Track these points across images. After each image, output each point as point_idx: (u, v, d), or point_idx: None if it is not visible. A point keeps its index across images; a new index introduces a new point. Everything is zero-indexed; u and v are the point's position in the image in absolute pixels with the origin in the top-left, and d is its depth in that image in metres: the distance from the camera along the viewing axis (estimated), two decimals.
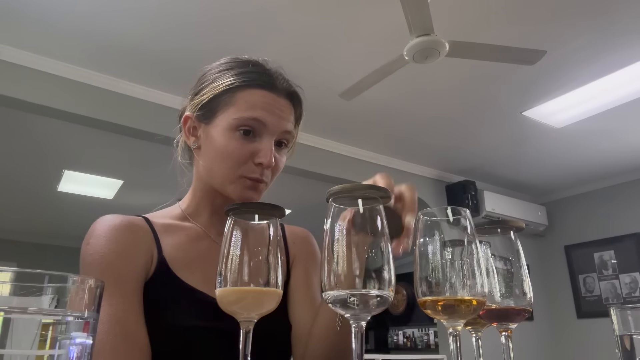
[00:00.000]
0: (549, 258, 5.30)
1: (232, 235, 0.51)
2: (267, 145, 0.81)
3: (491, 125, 3.81)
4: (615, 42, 2.80)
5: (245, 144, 0.80)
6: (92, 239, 0.78)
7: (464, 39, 2.37)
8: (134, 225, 0.82)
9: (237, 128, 0.80)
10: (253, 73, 0.84)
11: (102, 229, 0.79)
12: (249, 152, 0.80)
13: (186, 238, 0.85)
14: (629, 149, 4.27)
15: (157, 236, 0.83)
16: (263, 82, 0.83)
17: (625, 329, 0.54)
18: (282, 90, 0.85)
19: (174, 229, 0.86)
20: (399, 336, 7.04)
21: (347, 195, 0.49)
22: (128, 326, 0.71)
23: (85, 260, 0.76)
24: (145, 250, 0.80)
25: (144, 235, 0.82)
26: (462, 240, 0.50)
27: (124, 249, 0.77)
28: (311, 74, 3.05)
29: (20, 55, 2.78)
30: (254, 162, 0.80)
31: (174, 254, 0.82)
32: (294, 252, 0.93)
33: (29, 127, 3.49)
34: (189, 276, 0.80)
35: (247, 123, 0.80)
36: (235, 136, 0.80)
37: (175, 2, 2.43)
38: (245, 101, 0.81)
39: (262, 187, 0.84)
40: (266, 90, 0.82)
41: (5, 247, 6.09)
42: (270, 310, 0.51)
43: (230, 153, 0.80)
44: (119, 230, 0.79)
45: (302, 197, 4.53)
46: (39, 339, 0.33)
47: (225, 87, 0.82)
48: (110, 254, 0.76)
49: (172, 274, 0.79)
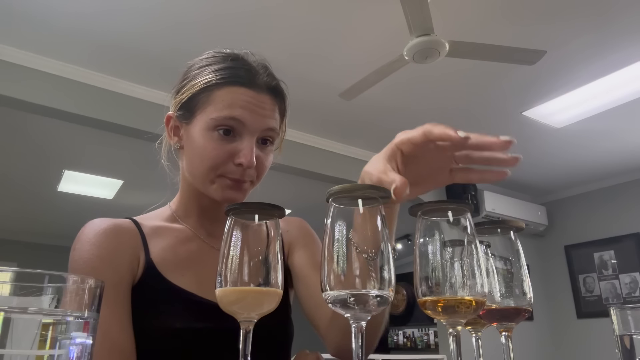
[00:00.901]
0: (549, 258, 5.30)
1: (232, 235, 0.51)
2: (247, 145, 0.78)
3: (491, 125, 3.81)
4: (615, 42, 2.80)
5: (224, 145, 0.77)
6: (78, 244, 0.77)
7: (464, 39, 2.37)
8: (121, 229, 0.81)
9: (215, 128, 0.77)
10: (231, 69, 0.80)
11: (88, 234, 0.78)
12: (228, 152, 0.77)
13: (175, 240, 0.84)
14: (629, 149, 4.27)
15: (145, 239, 0.82)
16: (241, 78, 0.79)
17: (625, 329, 0.54)
18: (262, 86, 0.81)
19: (163, 231, 0.85)
20: (399, 336, 7.04)
21: (347, 195, 0.49)
22: (110, 333, 0.70)
23: (71, 266, 0.76)
24: (131, 254, 0.79)
25: (130, 239, 0.80)
26: (462, 240, 0.50)
27: (107, 253, 0.76)
28: (311, 73, 3.05)
29: (20, 55, 2.78)
30: (234, 162, 0.78)
31: (162, 256, 0.81)
32: (289, 240, 0.92)
33: (29, 127, 3.49)
34: (179, 278, 0.79)
35: (224, 123, 0.77)
36: (213, 136, 0.77)
37: (175, 2, 2.43)
38: (222, 100, 0.78)
39: (245, 186, 0.81)
40: (245, 87, 0.79)
41: (5, 247, 6.09)
42: (271, 310, 0.51)
43: (209, 154, 0.77)
44: (103, 234, 0.78)
45: (302, 197, 4.52)
46: (39, 339, 0.33)
47: (203, 85, 0.79)
48: (94, 259, 0.75)
49: (160, 276, 0.78)
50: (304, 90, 3.20)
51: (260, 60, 0.85)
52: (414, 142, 0.58)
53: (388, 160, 0.59)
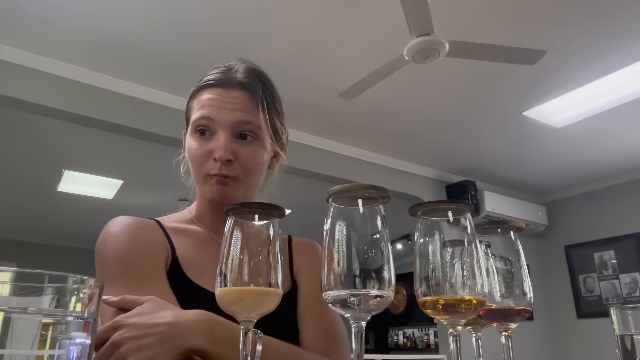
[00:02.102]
0: (549, 258, 5.30)
1: (232, 235, 0.51)
2: (218, 139, 0.82)
3: (491, 125, 3.81)
4: (615, 42, 2.80)
5: (202, 144, 0.83)
6: (110, 239, 0.78)
7: (464, 39, 2.37)
8: (149, 225, 0.84)
9: (195, 130, 0.84)
10: (209, 75, 0.87)
11: (119, 228, 0.80)
12: (207, 150, 0.82)
13: (195, 240, 0.87)
14: (629, 149, 4.27)
15: (170, 237, 0.84)
16: (214, 80, 0.85)
17: (625, 329, 0.54)
18: (233, 83, 0.84)
19: (183, 232, 0.87)
20: (399, 336, 7.04)
21: (347, 195, 0.49)
22: None
23: (106, 259, 0.76)
24: (162, 250, 0.81)
25: (159, 235, 0.83)
26: (462, 240, 0.50)
27: (144, 246, 0.79)
28: (311, 73, 3.05)
29: (20, 55, 2.78)
30: (213, 158, 0.82)
31: (184, 255, 0.83)
32: (299, 261, 0.93)
33: (29, 127, 3.49)
34: (199, 277, 0.81)
35: (199, 123, 0.83)
36: (194, 138, 0.84)
37: (175, 1, 2.43)
38: (197, 104, 0.85)
39: (229, 182, 0.82)
40: (215, 87, 0.84)
41: (5, 247, 6.09)
42: (270, 310, 0.51)
43: (193, 155, 0.84)
44: (136, 229, 0.80)
45: (302, 197, 4.52)
46: (39, 339, 0.33)
47: (189, 97, 0.88)
48: (132, 252, 0.77)
49: (183, 275, 0.80)
50: (304, 90, 3.20)
51: (248, 65, 0.89)
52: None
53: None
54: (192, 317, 0.63)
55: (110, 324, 0.61)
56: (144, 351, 0.58)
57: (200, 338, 0.62)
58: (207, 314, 0.64)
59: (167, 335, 0.60)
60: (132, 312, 0.63)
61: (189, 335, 0.61)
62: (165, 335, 0.60)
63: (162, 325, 0.61)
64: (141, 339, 0.59)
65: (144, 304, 0.65)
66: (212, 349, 0.62)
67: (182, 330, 0.61)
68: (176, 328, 0.61)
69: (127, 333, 0.59)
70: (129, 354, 0.57)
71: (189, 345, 0.61)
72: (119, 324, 0.61)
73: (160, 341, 0.59)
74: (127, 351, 0.58)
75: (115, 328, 0.60)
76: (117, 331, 0.60)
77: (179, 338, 0.60)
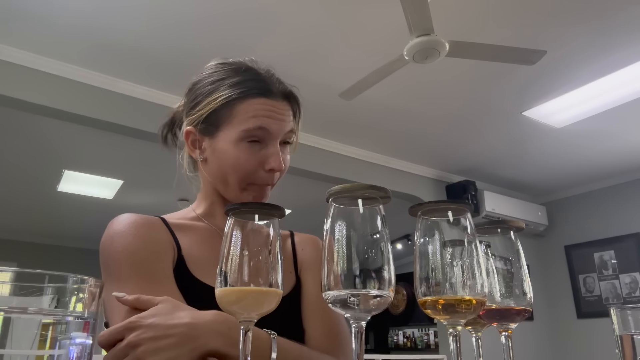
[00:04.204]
0: (549, 258, 5.30)
1: (232, 235, 0.51)
2: (274, 151, 0.84)
3: (491, 125, 3.81)
4: (615, 42, 2.80)
5: (254, 154, 0.83)
6: (117, 237, 0.78)
7: (464, 39, 2.37)
8: (154, 223, 0.84)
9: (244, 139, 0.83)
10: (248, 82, 0.85)
11: (124, 226, 0.79)
12: (258, 160, 0.84)
13: (200, 237, 0.87)
14: (629, 149, 4.27)
15: (174, 234, 0.84)
16: (259, 89, 0.84)
17: (625, 329, 0.54)
18: (278, 94, 0.86)
19: (188, 228, 0.87)
20: (399, 336, 7.04)
21: (347, 195, 0.49)
22: None
23: (113, 257, 0.76)
24: (169, 247, 0.81)
25: (164, 233, 0.83)
26: (462, 240, 0.50)
27: (152, 245, 0.78)
28: (311, 73, 3.05)
29: (20, 55, 2.78)
30: (265, 169, 0.84)
31: (190, 252, 0.83)
32: (302, 258, 0.93)
33: (29, 127, 3.49)
34: (205, 274, 0.81)
35: (254, 133, 0.82)
36: (243, 147, 0.83)
37: (175, 1, 2.43)
38: (246, 112, 0.83)
39: (269, 189, 0.88)
40: (264, 97, 0.84)
41: (5, 247, 6.09)
42: (271, 310, 0.51)
43: (242, 164, 0.83)
44: (142, 227, 0.80)
45: (302, 197, 4.52)
46: (39, 339, 0.33)
47: (224, 100, 0.84)
48: (141, 251, 0.76)
49: (188, 272, 0.80)
50: (304, 90, 3.15)
51: (266, 67, 0.90)
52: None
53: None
54: (210, 319, 0.63)
55: (125, 324, 0.60)
56: (162, 353, 0.58)
57: (219, 340, 0.61)
58: (224, 315, 0.63)
59: (186, 337, 0.60)
60: (147, 313, 0.62)
61: (208, 337, 0.61)
62: (184, 337, 0.60)
63: (180, 327, 0.60)
64: (159, 340, 0.58)
65: (160, 305, 0.64)
66: (230, 351, 0.61)
67: (200, 332, 0.61)
68: (194, 329, 0.61)
69: (144, 334, 0.59)
70: (147, 355, 0.57)
71: (207, 347, 0.60)
72: (135, 324, 0.60)
73: (178, 343, 0.59)
74: (144, 352, 0.57)
75: (131, 329, 0.59)
76: (133, 332, 0.59)
77: (197, 340, 0.60)
